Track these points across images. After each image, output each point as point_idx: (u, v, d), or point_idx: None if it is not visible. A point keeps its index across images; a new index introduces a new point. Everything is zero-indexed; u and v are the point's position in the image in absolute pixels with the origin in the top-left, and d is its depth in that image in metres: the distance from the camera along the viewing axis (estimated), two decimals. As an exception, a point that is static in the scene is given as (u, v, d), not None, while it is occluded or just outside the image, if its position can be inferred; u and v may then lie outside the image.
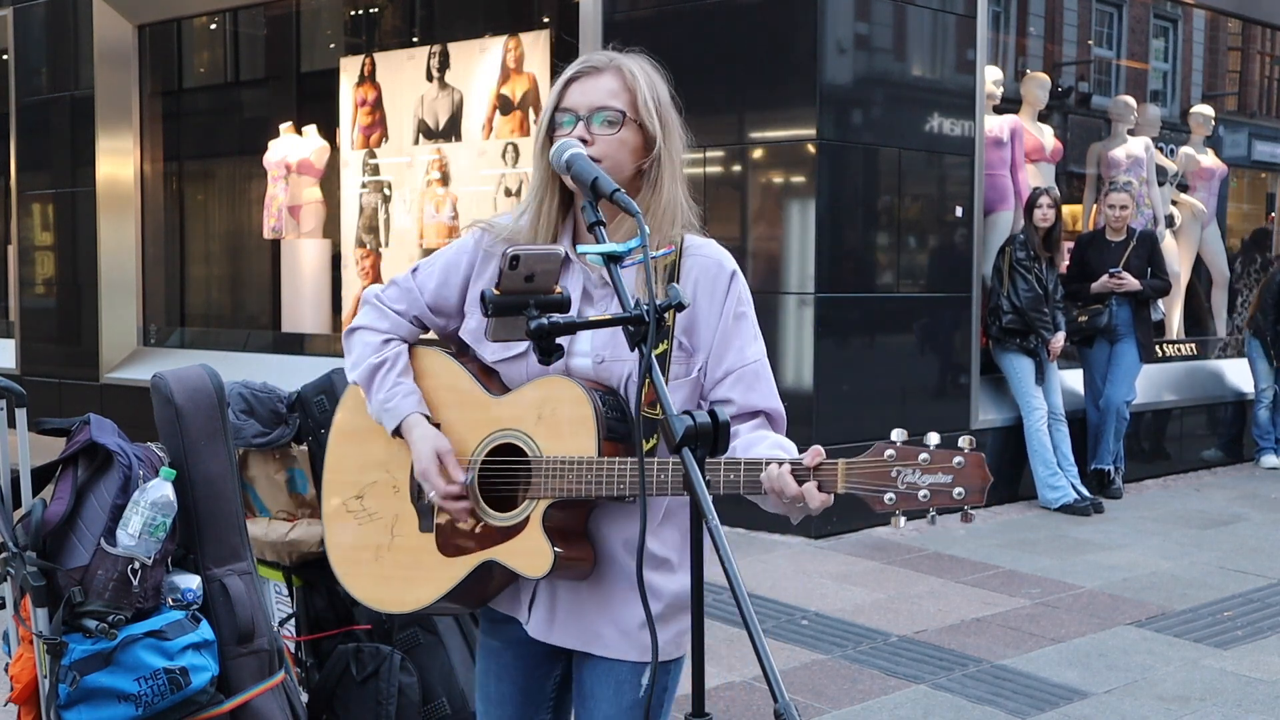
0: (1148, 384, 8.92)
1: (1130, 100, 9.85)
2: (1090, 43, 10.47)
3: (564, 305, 2.02)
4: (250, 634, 3.17)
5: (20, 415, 3.12)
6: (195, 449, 3.18)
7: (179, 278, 11.23)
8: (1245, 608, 5.81)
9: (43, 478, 3.18)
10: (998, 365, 8.09)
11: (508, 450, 2.24)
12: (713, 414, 1.88)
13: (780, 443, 2.20)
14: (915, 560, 6.55)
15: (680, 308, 1.95)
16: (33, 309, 11.30)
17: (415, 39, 9.82)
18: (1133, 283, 8.25)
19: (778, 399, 2.31)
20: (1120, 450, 8.36)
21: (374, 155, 9.56)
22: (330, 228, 10.12)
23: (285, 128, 10.15)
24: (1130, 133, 9.77)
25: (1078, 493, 7.90)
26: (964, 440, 1.97)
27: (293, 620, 3.72)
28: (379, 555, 2.36)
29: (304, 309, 10.19)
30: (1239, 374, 9.97)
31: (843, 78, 7.21)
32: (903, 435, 2.00)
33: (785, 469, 2.04)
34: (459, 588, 2.26)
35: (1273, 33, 12.01)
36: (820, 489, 2.02)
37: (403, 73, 9.33)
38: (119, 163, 10.52)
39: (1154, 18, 11.00)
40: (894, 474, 1.98)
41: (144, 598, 3.03)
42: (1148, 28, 10.89)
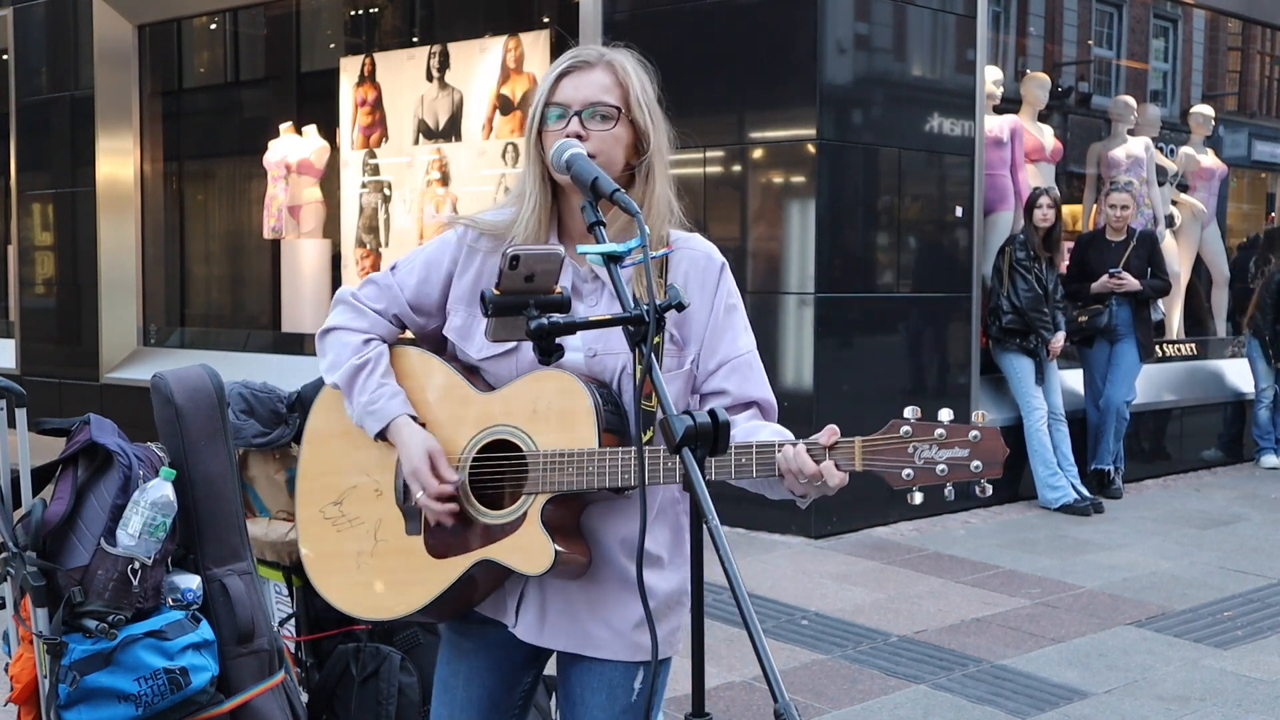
0: (1148, 384, 8.92)
1: (1130, 100, 9.85)
2: (1090, 43, 10.48)
3: (564, 305, 2.01)
4: (250, 634, 3.17)
5: (20, 415, 3.12)
6: (195, 449, 3.18)
7: (179, 278, 11.24)
8: (1245, 608, 5.81)
9: (43, 478, 3.18)
10: (998, 365, 8.09)
11: (500, 447, 2.20)
12: (713, 414, 1.88)
13: (780, 430, 2.19)
14: (915, 560, 6.55)
15: (680, 307, 1.94)
16: (33, 309, 11.30)
17: (415, 39, 9.82)
18: (1133, 283, 8.25)
19: (770, 389, 2.31)
20: (1120, 450, 8.36)
21: (374, 155, 9.56)
22: (330, 228, 10.12)
23: (285, 128, 10.15)
24: (1130, 133, 9.77)
25: (1078, 493, 7.90)
26: (977, 415, 2.01)
27: (293, 620, 3.72)
28: (361, 562, 2.30)
29: (304, 309, 10.19)
30: (1239, 374, 9.97)
31: (843, 78, 7.22)
32: (916, 412, 2.01)
33: (801, 449, 2.04)
34: (451, 590, 2.21)
35: (1273, 33, 12.01)
36: (838, 468, 2.03)
37: (403, 73, 9.33)
38: (119, 163, 10.52)
39: (1154, 18, 11.00)
40: (911, 450, 1.99)
41: (144, 598, 3.03)
42: (1148, 28, 10.89)
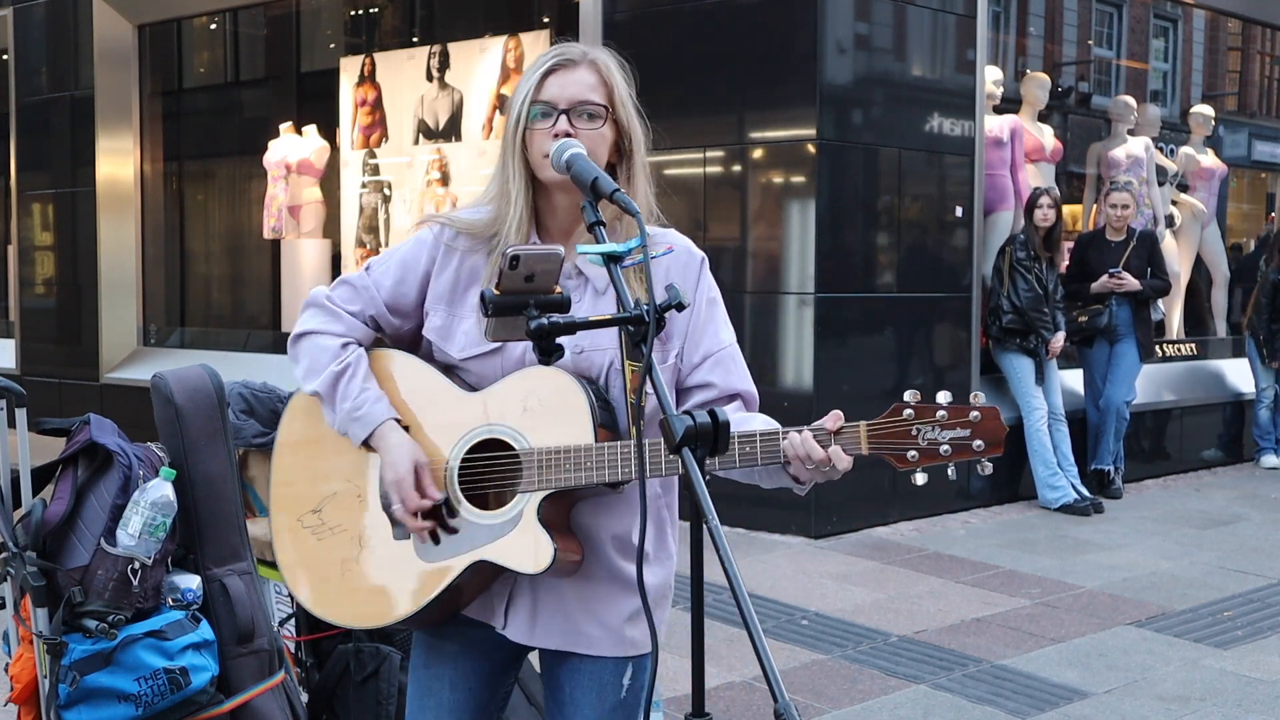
0: (1148, 384, 8.92)
1: (1130, 100, 9.85)
2: (1090, 43, 10.48)
3: (564, 305, 2.01)
4: (250, 634, 3.17)
5: (20, 415, 3.12)
6: (195, 449, 3.18)
7: (179, 278, 11.24)
8: (1245, 608, 5.81)
9: (43, 478, 3.18)
10: (998, 365, 8.09)
11: (489, 446, 2.18)
12: (713, 414, 1.88)
13: (768, 419, 2.19)
14: (915, 560, 6.55)
15: (680, 307, 1.94)
16: (33, 309, 11.30)
17: (415, 39, 9.82)
18: (1132, 283, 8.25)
19: (751, 381, 2.31)
20: (1120, 450, 8.36)
21: (374, 155, 9.56)
22: (330, 228, 10.12)
23: (285, 128, 10.15)
24: (1130, 133, 9.77)
25: (1078, 493, 7.90)
26: (976, 395, 2.05)
27: (293, 620, 3.72)
28: (345, 570, 2.24)
29: (304, 309, 10.17)
30: (1239, 374, 9.97)
31: (843, 78, 7.21)
32: (915, 395, 2.05)
33: (807, 434, 2.05)
34: (444, 594, 2.18)
35: (1273, 33, 12.01)
36: (845, 452, 2.05)
37: (403, 73, 9.33)
38: (119, 163, 10.52)
39: (1154, 18, 11.00)
40: (914, 431, 2.04)
41: (144, 598, 3.03)
42: (1148, 28, 10.89)
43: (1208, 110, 10.65)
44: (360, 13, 10.43)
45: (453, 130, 9.02)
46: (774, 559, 6.52)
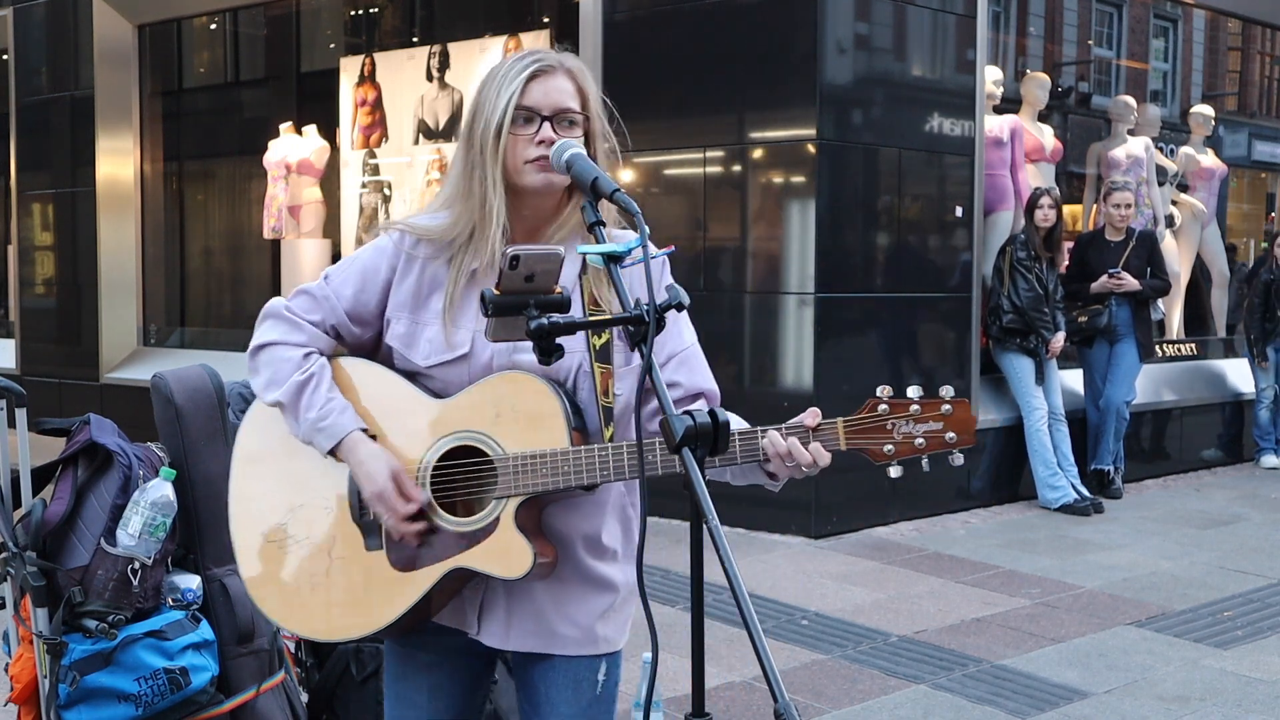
0: (1148, 384, 8.92)
1: (1130, 100, 9.85)
2: (1090, 43, 10.48)
3: (564, 305, 2.01)
4: (250, 634, 3.17)
5: (20, 415, 3.13)
6: (195, 449, 3.19)
7: (179, 278, 11.24)
8: (1245, 608, 5.81)
9: (43, 478, 3.19)
10: (998, 365, 8.09)
11: (460, 453, 2.15)
12: (713, 414, 1.88)
13: (738, 418, 2.18)
14: (915, 560, 6.55)
15: (680, 307, 1.94)
16: (33, 309, 11.31)
17: (415, 39, 9.83)
18: (1132, 283, 8.24)
19: (714, 380, 2.31)
20: (1120, 450, 8.36)
21: (374, 155, 9.56)
22: (330, 228, 10.12)
23: (285, 128, 10.15)
24: (1130, 133, 9.76)
25: (1078, 493, 7.90)
26: (945, 390, 2.08)
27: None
28: (316, 583, 2.20)
29: (304, 309, 10.18)
30: (1239, 374, 9.97)
31: (843, 78, 7.21)
32: (887, 390, 2.08)
33: (790, 433, 2.07)
34: (421, 602, 2.16)
35: (1273, 33, 12.02)
36: (824, 448, 2.08)
37: (403, 73, 9.34)
38: (119, 163, 10.53)
39: (1154, 18, 11.00)
40: (889, 426, 2.07)
41: (144, 598, 3.03)
42: (1148, 28, 10.89)
43: (1208, 110, 10.65)
44: (360, 13, 10.43)
45: (453, 130, 9.02)
46: (774, 559, 6.52)
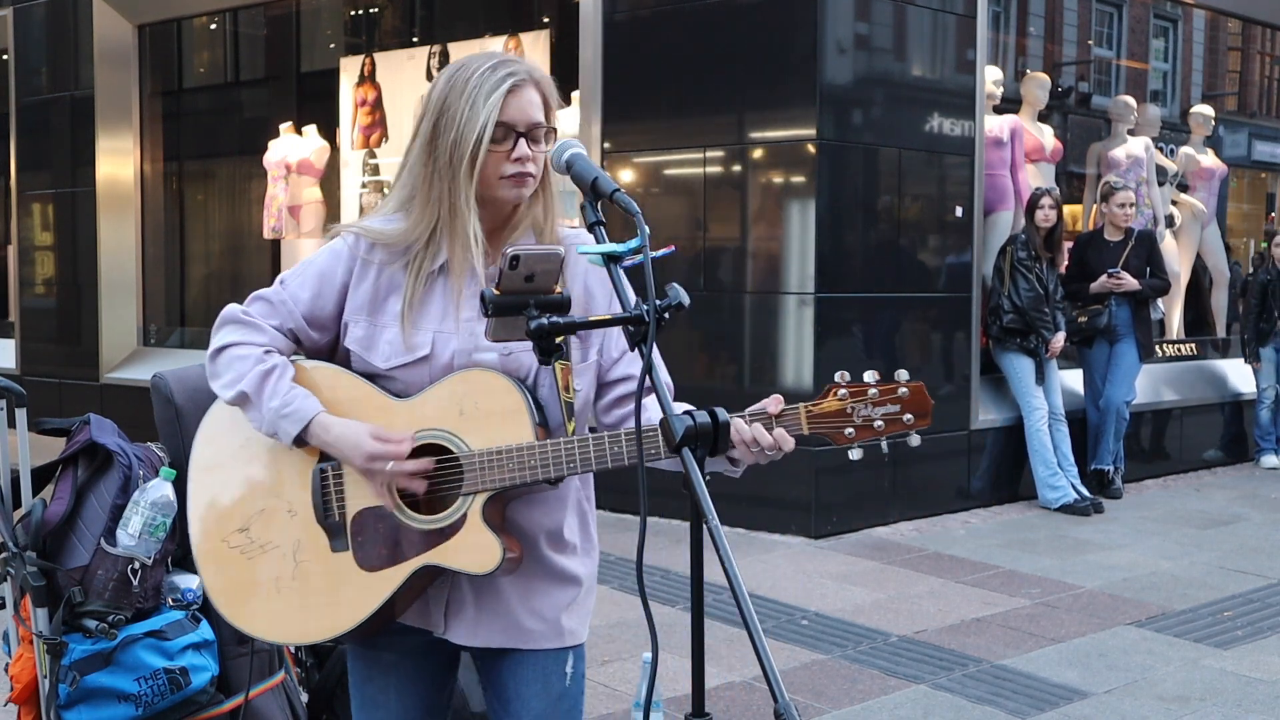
0: (1148, 384, 8.92)
1: (1130, 100, 9.85)
2: (1090, 43, 10.47)
3: (564, 305, 2.01)
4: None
5: (20, 415, 3.13)
6: (195, 449, 3.18)
7: (179, 278, 11.24)
8: (1245, 608, 5.81)
9: (43, 478, 3.19)
10: (998, 365, 8.09)
11: (425, 452, 2.16)
12: (713, 414, 1.88)
13: (691, 408, 2.18)
14: (915, 560, 6.55)
15: (680, 308, 1.94)
16: (33, 309, 11.31)
17: (415, 39, 9.83)
18: (1131, 282, 8.25)
19: (667, 371, 2.31)
20: (1120, 450, 8.36)
21: (374, 155, 9.56)
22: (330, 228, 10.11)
23: (285, 128, 10.15)
24: (1130, 133, 9.76)
25: (1078, 493, 7.90)
26: (900, 373, 2.13)
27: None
28: (281, 586, 2.20)
29: (304, 309, 10.18)
30: (1239, 374, 9.97)
31: (843, 78, 7.21)
32: (845, 376, 2.13)
33: (755, 421, 2.10)
34: (389, 601, 2.16)
35: (1273, 33, 12.01)
36: (788, 433, 2.11)
37: (403, 73, 9.34)
38: (119, 163, 10.53)
39: (1154, 18, 11.00)
40: (849, 410, 2.12)
41: (144, 598, 3.03)
42: (1148, 28, 10.89)
43: (1208, 110, 10.65)
44: (360, 13, 10.43)
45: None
46: (774, 559, 6.52)
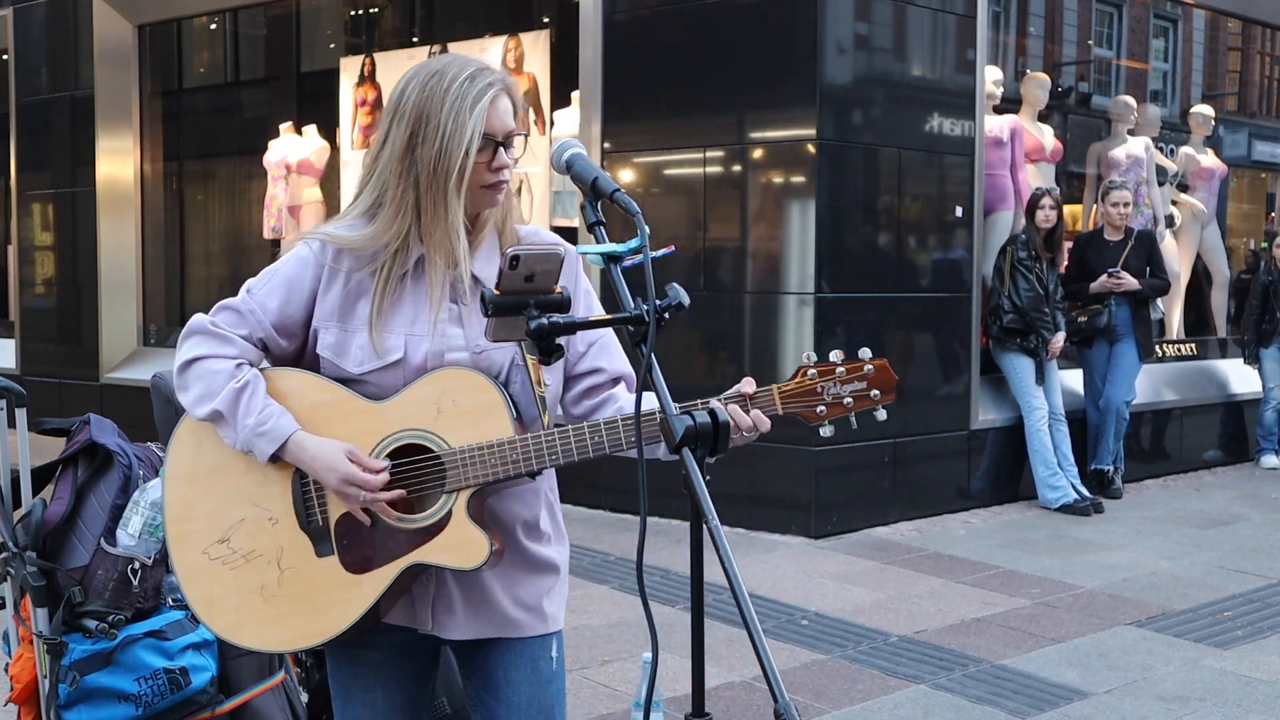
0: (1148, 384, 8.92)
1: (1130, 100, 9.85)
2: (1090, 43, 10.47)
3: (564, 305, 2.02)
4: (250, 634, 3.17)
5: (20, 415, 3.13)
6: (195, 449, 3.18)
7: (179, 278, 11.24)
8: (1245, 608, 5.81)
9: (43, 478, 3.19)
10: (998, 365, 8.09)
11: (404, 453, 2.17)
12: (713, 414, 1.89)
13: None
14: (915, 560, 6.55)
15: (680, 308, 1.95)
16: (33, 309, 11.31)
17: (415, 39, 9.82)
18: (1131, 282, 8.24)
19: (629, 362, 2.36)
20: (1120, 450, 8.36)
21: (374, 155, 9.54)
22: (330, 228, 10.11)
23: (285, 128, 10.15)
24: (1130, 133, 9.76)
25: (1078, 493, 7.90)
26: (863, 351, 2.20)
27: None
28: (267, 595, 2.19)
29: (304, 309, 10.17)
30: (1239, 374, 9.97)
31: (843, 78, 7.21)
32: (812, 356, 2.20)
33: (731, 404, 2.14)
34: (379, 602, 2.17)
35: (1273, 33, 12.01)
36: (764, 414, 2.17)
37: (403, 73, 9.32)
38: (119, 163, 10.53)
39: (1154, 18, 11.00)
40: (820, 389, 2.18)
41: (144, 598, 3.03)
42: (1148, 28, 10.89)
43: (1208, 110, 10.65)
44: (360, 13, 10.43)
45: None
46: (774, 559, 6.52)
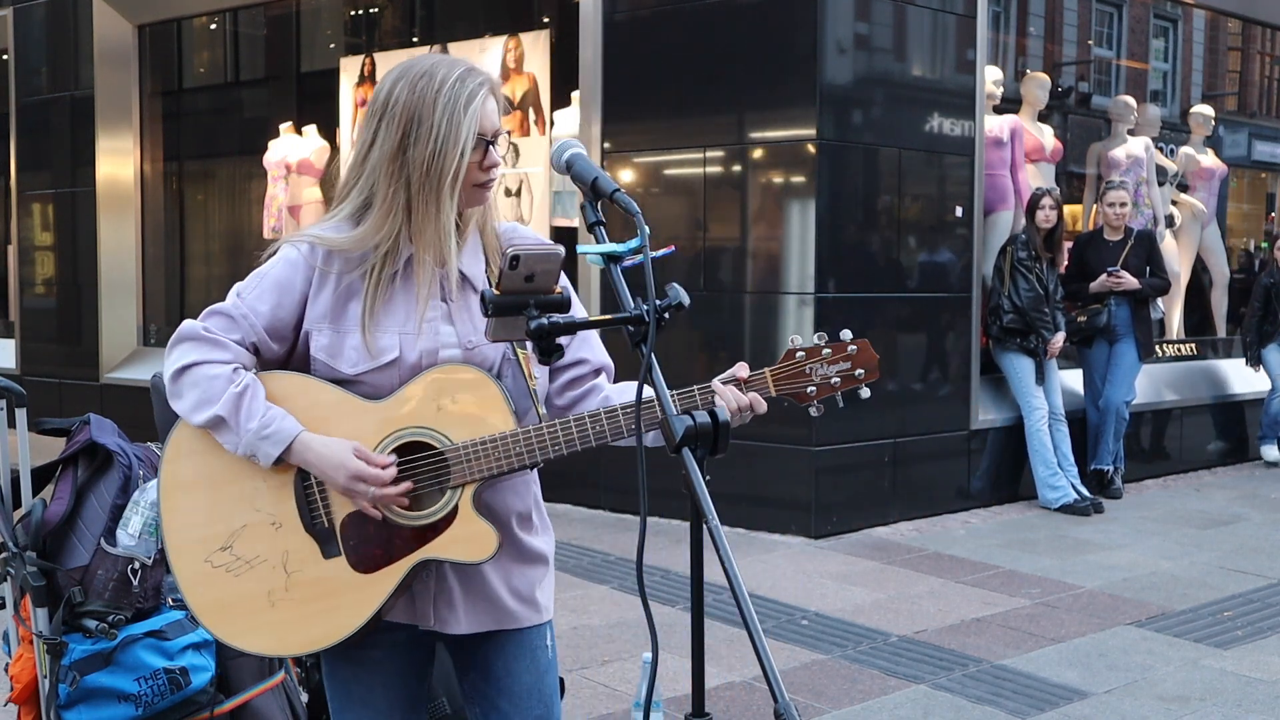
0: (1148, 384, 8.91)
1: (1130, 100, 9.85)
2: (1090, 43, 10.47)
3: (564, 305, 2.02)
4: (250, 634, 3.17)
5: (20, 415, 3.13)
6: (195, 449, 3.18)
7: (179, 278, 11.24)
8: (1245, 608, 5.81)
9: (43, 478, 3.19)
10: (998, 365, 8.09)
11: (406, 450, 2.18)
12: (713, 414, 1.89)
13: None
14: (915, 560, 6.55)
15: (680, 308, 1.95)
16: (33, 309, 11.30)
17: (415, 39, 9.82)
18: (1131, 281, 8.24)
19: (606, 353, 2.40)
20: (1120, 450, 8.36)
21: (374, 155, 9.54)
22: (330, 228, 10.10)
23: (285, 128, 10.15)
24: (1130, 133, 9.76)
25: (1078, 493, 7.90)
26: (844, 333, 2.29)
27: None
28: (275, 601, 2.18)
29: (304, 309, 10.18)
30: (1239, 374, 9.97)
31: (843, 78, 7.21)
32: (798, 339, 2.28)
33: (730, 387, 2.20)
34: (389, 600, 2.18)
35: (1273, 33, 12.01)
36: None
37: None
38: (119, 163, 10.53)
39: (1154, 18, 11.00)
40: (808, 370, 2.26)
41: (144, 598, 3.03)
42: (1148, 28, 10.89)
43: (1208, 110, 10.65)
44: (360, 13, 10.43)
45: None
46: (774, 559, 6.52)
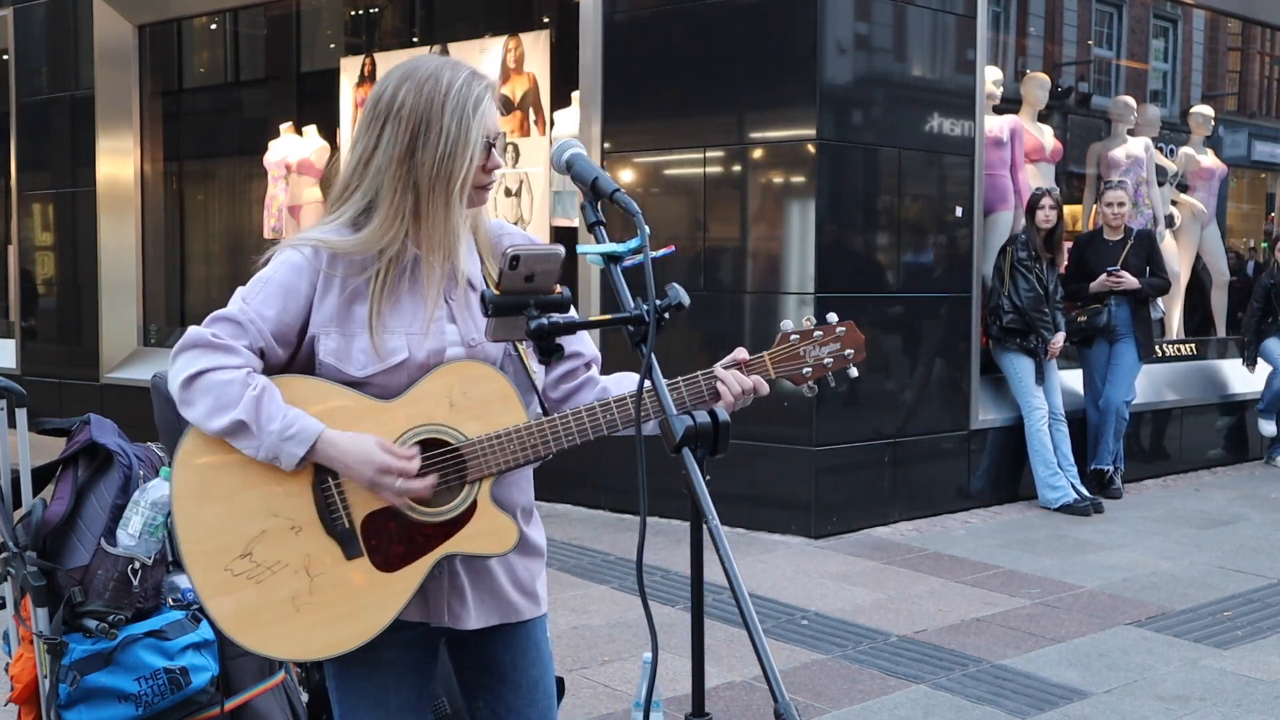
0: (1148, 384, 8.91)
1: (1130, 100, 9.85)
2: (1090, 43, 10.47)
3: (564, 305, 2.02)
4: (250, 634, 3.17)
5: (20, 415, 3.13)
6: (195, 449, 3.18)
7: (179, 278, 11.24)
8: (1245, 608, 5.81)
9: (43, 478, 3.19)
10: (998, 365, 8.09)
11: (423, 447, 2.18)
12: (713, 414, 1.89)
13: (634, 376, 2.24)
14: (915, 560, 6.55)
15: (680, 308, 1.96)
16: (33, 309, 11.30)
17: (415, 39, 9.82)
18: (1131, 281, 8.24)
19: (594, 346, 2.45)
20: (1120, 450, 8.36)
21: (374, 155, 9.53)
22: (330, 228, 10.10)
23: (285, 128, 10.15)
24: (1130, 133, 9.76)
25: (1078, 493, 7.90)
26: (830, 316, 2.34)
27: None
28: (300, 605, 2.16)
29: (304, 309, 10.18)
30: (1239, 374, 9.97)
31: (843, 78, 7.21)
32: (789, 324, 2.35)
33: (734, 370, 2.26)
34: (414, 597, 2.18)
35: (1273, 33, 12.01)
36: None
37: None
38: (119, 163, 10.53)
39: (1154, 18, 11.00)
40: (802, 353, 2.33)
41: (144, 597, 3.03)
42: (1148, 28, 10.89)
43: (1208, 110, 10.65)
44: (360, 13, 10.43)
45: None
46: (774, 559, 6.52)
